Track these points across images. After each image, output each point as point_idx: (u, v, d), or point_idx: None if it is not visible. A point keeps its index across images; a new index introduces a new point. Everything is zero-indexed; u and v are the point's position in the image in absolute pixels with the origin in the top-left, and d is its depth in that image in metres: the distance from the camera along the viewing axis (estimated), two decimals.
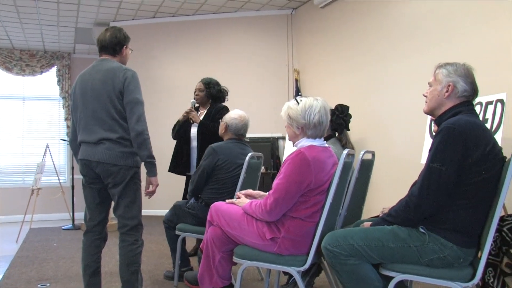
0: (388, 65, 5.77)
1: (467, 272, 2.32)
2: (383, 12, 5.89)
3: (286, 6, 7.81)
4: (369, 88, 6.11)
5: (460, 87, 2.43)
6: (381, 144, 5.67)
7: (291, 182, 2.61)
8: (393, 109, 5.64)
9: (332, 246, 2.45)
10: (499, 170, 2.33)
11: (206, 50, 8.14)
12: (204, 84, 4.80)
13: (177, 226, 3.90)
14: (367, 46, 6.18)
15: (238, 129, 3.95)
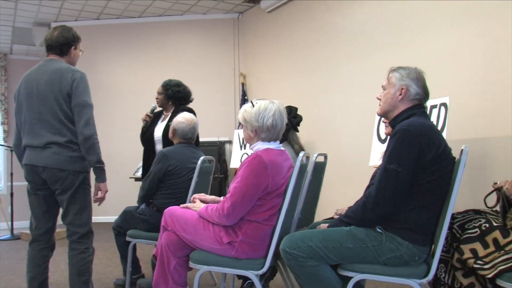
0: (335, 68, 5.87)
1: (422, 269, 2.38)
2: (330, 16, 5.99)
3: (233, 10, 7.82)
4: (316, 92, 6.19)
5: (413, 90, 2.51)
6: (330, 146, 5.76)
7: (249, 185, 2.60)
8: (340, 112, 5.74)
9: (290, 249, 2.46)
10: (451, 170, 2.42)
11: (153, 53, 8.03)
12: (162, 86, 4.65)
13: (128, 232, 3.80)
14: (314, 50, 6.27)
15: (186, 133, 3.89)
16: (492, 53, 4.04)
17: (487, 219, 2.38)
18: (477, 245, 2.30)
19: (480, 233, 2.32)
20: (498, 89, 3.94)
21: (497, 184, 2.39)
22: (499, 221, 2.33)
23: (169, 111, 4.65)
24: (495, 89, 3.97)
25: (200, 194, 3.18)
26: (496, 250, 2.24)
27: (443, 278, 2.47)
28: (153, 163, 3.82)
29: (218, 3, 7.43)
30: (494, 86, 3.98)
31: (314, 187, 3.22)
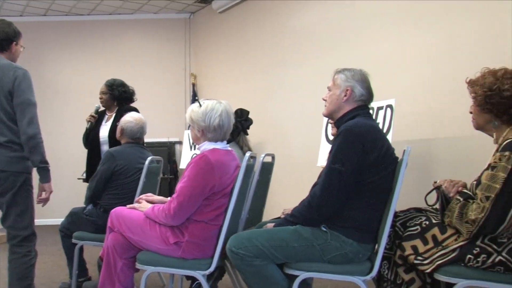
0: (285, 70, 5.92)
1: (366, 266, 2.45)
2: (281, 18, 6.05)
3: (185, 10, 7.76)
4: (267, 93, 6.23)
5: (358, 91, 2.57)
6: (280, 147, 5.81)
7: (195, 185, 2.60)
8: (290, 113, 5.80)
9: (237, 248, 2.47)
10: (393, 170, 2.49)
11: (102, 52, 7.86)
12: (107, 86, 4.54)
13: (74, 234, 3.71)
14: (264, 51, 6.31)
15: (134, 133, 3.84)
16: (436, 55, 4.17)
17: (427, 216, 2.46)
18: (418, 242, 2.37)
19: (420, 230, 2.39)
20: (442, 91, 4.07)
21: (436, 183, 2.47)
22: (438, 218, 2.41)
23: (113, 111, 4.56)
24: (439, 91, 4.10)
25: (147, 194, 3.14)
26: (435, 246, 2.31)
27: (386, 275, 2.53)
28: (100, 163, 3.75)
29: (169, 3, 7.37)
30: (438, 88, 4.11)
31: (261, 187, 3.25)
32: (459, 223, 2.23)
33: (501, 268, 2.17)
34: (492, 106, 2.35)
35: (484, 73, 2.44)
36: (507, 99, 2.31)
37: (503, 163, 2.16)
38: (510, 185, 2.13)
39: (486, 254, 2.18)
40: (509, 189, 2.13)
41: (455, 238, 2.29)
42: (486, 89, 2.35)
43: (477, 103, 2.42)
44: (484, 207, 2.15)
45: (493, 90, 2.33)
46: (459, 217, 2.23)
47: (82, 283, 3.82)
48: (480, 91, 2.38)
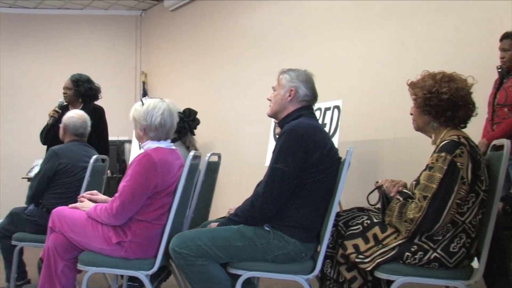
0: (236, 70, 5.93)
1: (308, 265, 2.46)
2: (233, 19, 6.05)
3: (136, 7, 7.65)
4: (218, 92, 6.23)
5: (302, 92, 2.59)
6: (229, 147, 5.81)
7: (138, 184, 2.56)
8: (241, 113, 5.81)
9: (180, 248, 2.44)
10: (336, 170, 2.52)
11: (49, 47, 7.65)
12: (72, 81, 4.40)
13: (14, 235, 3.59)
14: (216, 51, 6.30)
15: (77, 128, 3.74)
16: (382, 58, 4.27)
17: (369, 216, 2.50)
18: (359, 241, 2.41)
19: (362, 229, 2.43)
20: (387, 93, 4.17)
21: (378, 182, 2.52)
22: (379, 217, 2.46)
23: (77, 108, 4.38)
24: (384, 93, 4.20)
25: (91, 192, 3.07)
26: (376, 244, 2.36)
27: (329, 273, 2.56)
28: (43, 161, 3.64)
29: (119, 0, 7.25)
30: (383, 90, 4.21)
31: (207, 186, 3.24)
32: (399, 222, 2.29)
33: (436, 265, 2.24)
34: (431, 108, 2.41)
35: (424, 76, 2.50)
36: (445, 102, 2.37)
37: (440, 163, 2.23)
38: (445, 185, 2.20)
39: (422, 252, 2.24)
40: (444, 189, 2.19)
41: (395, 237, 2.34)
42: (426, 91, 2.41)
43: (417, 105, 2.48)
44: (421, 206, 2.21)
45: (432, 92, 2.39)
46: (399, 216, 2.28)
47: (21, 287, 3.70)
48: (420, 93, 2.44)
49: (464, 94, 2.39)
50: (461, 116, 2.41)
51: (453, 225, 2.24)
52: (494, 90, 3.66)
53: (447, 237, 2.24)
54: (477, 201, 2.25)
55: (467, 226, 2.25)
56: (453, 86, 2.38)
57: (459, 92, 2.37)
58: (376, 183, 2.52)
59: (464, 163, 2.21)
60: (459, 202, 2.22)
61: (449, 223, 2.23)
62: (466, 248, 2.25)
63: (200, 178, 3.09)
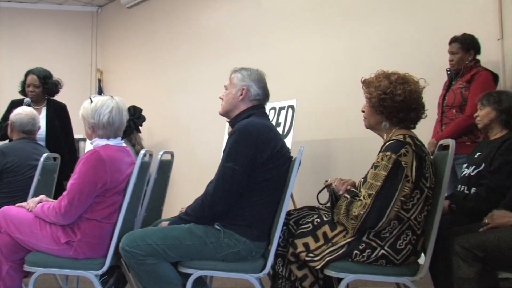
0: (193, 68, 5.91)
1: (259, 264, 2.47)
2: (189, 17, 6.02)
3: (92, 3, 7.51)
4: (174, 90, 6.19)
5: (253, 91, 2.60)
6: (184, 145, 5.78)
7: (86, 182, 2.51)
8: (195, 112, 5.80)
9: (130, 247, 2.41)
10: (287, 169, 2.54)
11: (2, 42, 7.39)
12: (40, 78, 4.23)
13: None
14: (172, 49, 6.26)
15: (25, 124, 3.64)
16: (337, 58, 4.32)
17: (319, 214, 2.52)
18: (309, 239, 2.43)
19: (312, 228, 2.45)
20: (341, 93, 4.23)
21: (327, 181, 2.55)
22: (329, 216, 2.49)
23: (41, 105, 4.27)
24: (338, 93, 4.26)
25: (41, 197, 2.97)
26: (325, 243, 2.38)
27: (281, 272, 2.57)
28: None
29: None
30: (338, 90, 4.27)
31: (160, 185, 3.20)
32: (346, 219, 2.32)
33: (383, 262, 2.28)
34: (384, 109, 2.45)
35: (378, 75, 2.52)
36: (398, 104, 2.41)
37: (384, 162, 2.27)
38: (389, 183, 2.24)
39: (370, 249, 2.28)
40: (388, 187, 2.24)
41: (344, 235, 2.37)
42: (381, 91, 2.44)
43: (371, 104, 2.51)
44: (366, 203, 2.24)
45: (387, 93, 2.43)
46: (345, 214, 2.31)
47: None
48: (375, 93, 2.47)
49: (417, 97, 2.43)
50: (412, 118, 2.46)
51: (399, 221, 2.28)
52: (443, 91, 3.77)
53: (393, 234, 2.28)
54: (421, 198, 2.31)
55: (412, 223, 2.30)
56: (407, 89, 2.41)
57: (412, 95, 2.41)
58: (326, 182, 2.55)
59: (408, 162, 2.26)
60: (404, 199, 2.27)
61: (395, 219, 2.28)
62: (412, 245, 2.30)
63: (152, 177, 3.06)
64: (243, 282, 2.53)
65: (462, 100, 3.58)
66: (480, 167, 2.84)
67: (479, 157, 2.91)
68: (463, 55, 3.63)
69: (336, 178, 2.52)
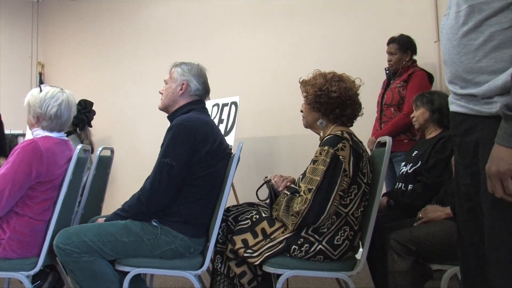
0: (137, 63, 5.82)
1: (197, 261, 2.46)
2: (135, 11, 5.92)
3: None
4: (119, 86, 6.07)
5: (193, 86, 2.58)
6: (127, 141, 5.67)
7: (19, 172, 2.37)
8: (139, 108, 5.71)
9: (64, 244, 2.34)
10: (225, 165, 2.53)
11: None
12: None
13: None
14: (117, 43, 6.14)
15: None
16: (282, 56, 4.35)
17: (258, 210, 2.53)
18: (248, 235, 2.43)
19: (250, 224, 2.45)
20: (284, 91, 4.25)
21: (267, 177, 2.56)
22: (268, 212, 2.49)
23: None
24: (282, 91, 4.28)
25: None
26: (264, 238, 2.39)
27: (220, 269, 2.56)
28: None
29: None
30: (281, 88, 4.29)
31: (99, 181, 3.12)
32: (286, 215, 2.33)
33: (321, 257, 2.30)
34: (320, 105, 2.49)
35: (315, 75, 2.58)
36: (334, 100, 2.46)
37: (323, 156, 2.30)
38: (329, 178, 2.26)
39: (308, 244, 2.30)
40: (328, 181, 2.26)
41: (282, 231, 2.38)
42: (317, 89, 2.49)
43: (308, 102, 2.55)
44: (306, 198, 2.26)
45: (322, 90, 2.47)
46: (286, 210, 2.32)
47: None
48: (311, 90, 2.51)
49: (352, 94, 2.49)
50: (348, 114, 2.51)
51: (337, 217, 2.32)
52: (382, 90, 3.86)
53: (331, 229, 2.31)
54: (359, 193, 2.35)
55: (350, 219, 2.33)
56: (342, 86, 2.47)
57: (348, 92, 2.47)
58: (265, 178, 2.56)
59: (346, 156, 2.29)
60: (342, 194, 2.30)
61: (334, 215, 2.31)
62: (349, 240, 2.33)
63: (90, 173, 2.98)
64: (184, 280, 2.51)
65: (400, 99, 3.68)
66: (417, 164, 2.93)
67: (416, 155, 2.99)
68: (401, 55, 3.74)
69: (275, 175, 2.54)
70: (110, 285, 2.39)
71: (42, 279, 3.18)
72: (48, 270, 3.12)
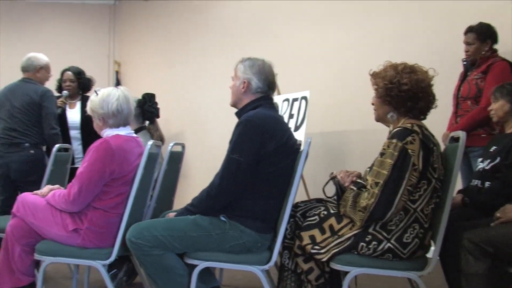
0: (208, 59, 5.92)
1: (264, 256, 2.46)
2: (204, 9, 6.02)
3: None
4: (190, 82, 6.21)
5: (254, 84, 2.58)
6: (199, 136, 5.79)
7: (94, 170, 2.54)
8: (210, 103, 5.80)
9: (136, 238, 2.43)
10: (293, 161, 2.51)
11: (23, 35, 7.47)
12: (74, 74, 4.59)
13: None
14: (189, 40, 6.28)
15: None
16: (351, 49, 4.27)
17: (326, 207, 2.49)
18: (315, 232, 2.40)
19: (318, 220, 2.43)
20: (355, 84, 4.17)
21: (333, 174, 2.52)
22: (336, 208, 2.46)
23: (75, 99, 4.62)
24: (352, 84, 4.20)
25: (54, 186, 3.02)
26: (331, 235, 2.35)
27: (287, 264, 2.56)
28: None
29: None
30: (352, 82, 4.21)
31: (170, 176, 3.20)
32: (353, 211, 2.28)
33: (390, 256, 2.24)
34: (391, 99, 2.42)
35: (386, 67, 2.50)
36: (405, 93, 2.38)
37: (391, 149, 2.23)
38: (396, 171, 2.20)
39: (376, 242, 2.24)
40: (396, 175, 2.19)
41: (350, 227, 2.33)
42: (387, 81, 2.42)
43: (378, 95, 2.48)
44: (373, 193, 2.21)
45: (393, 83, 2.40)
46: (353, 206, 2.28)
47: None
48: (382, 83, 2.44)
49: (424, 85, 2.39)
50: (421, 107, 2.42)
51: (405, 213, 2.25)
52: (459, 82, 3.68)
53: (400, 227, 2.24)
54: (429, 189, 2.26)
55: (419, 215, 2.25)
56: (413, 78, 2.38)
57: (420, 84, 2.38)
58: (331, 174, 2.52)
59: (415, 150, 2.21)
60: (410, 189, 2.23)
61: (402, 210, 2.24)
62: (419, 239, 2.25)
63: (162, 168, 3.06)
64: (252, 275, 2.52)
65: (477, 91, 3.49)
66: (495, 160, 2.77)
67: (495, 151, 2.83)
68: (479, 45, 3.54)
69: (341, 170, 2.49)
70: (179, 278, 2.46)
71: (118, 268, 3.31)
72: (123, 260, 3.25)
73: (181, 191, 3.52)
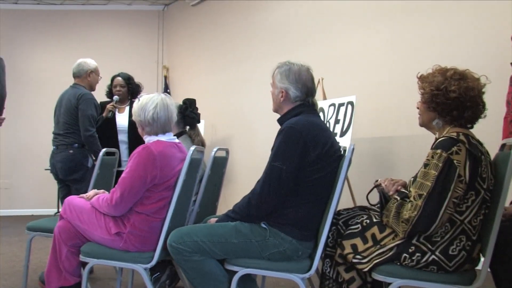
0: (253, 64, 5.92)
1: (305, 264, 2.42)
2: (251, 13, 6.03)
3: (158, 2, 7.70)
4: (236, 87, 6.23)
5: (292, 93, 2.54)
6: (245, 142, 5.79)
7: (136, 176, 2.58)
8: (256, 108, 5.79)
9: (176, 243, 2.45)
10: (336, 168, 2.46)
11: (74, 42, 7.77)
12: (124, 79, 4.74)
13: None
14: (236, 45, 6.30)
15: None
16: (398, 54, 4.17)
17: (369, 215, 2.43)
18: (358, 241, 2.34)
19: (361, 229, 2.37)
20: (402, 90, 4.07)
21: (377, 181, 2.45)
22: (379, 217, 2.39)
23: (125, 104, 4.77)
24: (400, 89, 4.10)
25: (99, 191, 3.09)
26: (374, 244, 2.29)
27: (328, 273, 2.51)
28: None
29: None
30: (399, 86, 4.12)
31: (214, 181, 3.21)
32: (396, 222, 2.21)
33: (434, 268, 2.16)
34: (437, 105, 2.32)
35: (435, 71, 2.40)
36: (452, 101, 2.27)
37: (435, 160, 2.15)
38: (441, 183, 2.11)
39: (420, 253, 2.17)
40: (440, 187, 2.11)
41: (393, 237, 2.26)
42: (434, 87, 2.32)
43: (424, 100, 2.39)
44: (416, 205, 2.13)
45: (440, 89, 2.30)
46: (396, 217, 2.21)
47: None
48: (428, 88, 2.35)
49: (474, 94, 2.27)
50: (468, 116, 2.30)
51: (451, 224, 2.16)
52: (510, 88, 3.51)
53: (446, 238, 2.16)
54: (477, 200, 2.16)
55: (466, 227, 2.16)
56: (463, 85, 2.26)
57: (469, 92, 2.26)
58: (376, 182, 2.45)
59: (461, 161, 2.12)
60: (456, 201, 2.14)
61: (447, 222, 2.15)
62: (466, 251, 2.16)
63: (205, 173, 3.07)
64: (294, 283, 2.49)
65: None
66: None
67: None
68: None
69: (386, 178, 2.42)
70: (219, 284, 2.46)
71: (161, 272, 3.36)
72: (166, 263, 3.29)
73: (227, 195, 3.52)
